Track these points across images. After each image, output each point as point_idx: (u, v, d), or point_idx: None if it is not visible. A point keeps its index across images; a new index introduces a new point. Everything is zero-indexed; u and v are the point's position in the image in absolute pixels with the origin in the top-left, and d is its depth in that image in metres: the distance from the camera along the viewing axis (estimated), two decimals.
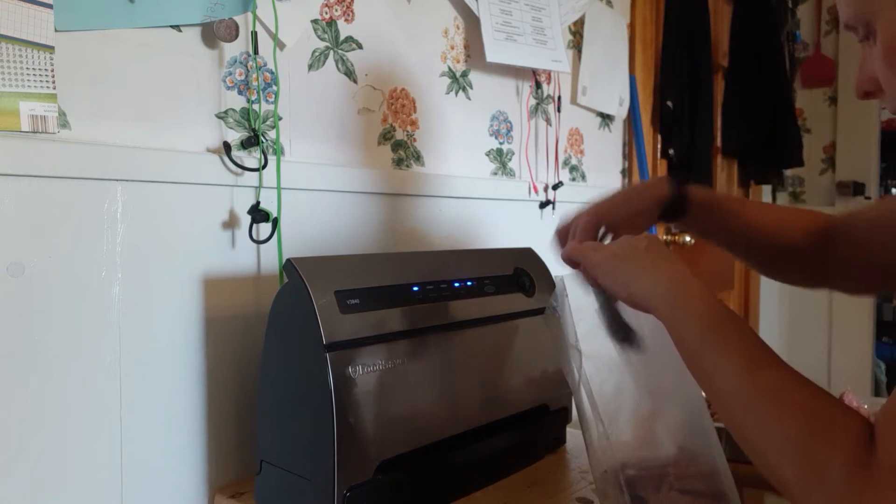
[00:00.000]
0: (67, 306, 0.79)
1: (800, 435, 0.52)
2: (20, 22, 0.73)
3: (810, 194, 3.18)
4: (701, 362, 0.61)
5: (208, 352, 0.92)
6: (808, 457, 0.51)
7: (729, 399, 0.58)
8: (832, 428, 0.51)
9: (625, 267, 0.68)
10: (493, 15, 1.31)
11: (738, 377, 0.57)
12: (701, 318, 0.61)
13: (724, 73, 2.51)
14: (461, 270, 0.94)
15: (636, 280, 0.66)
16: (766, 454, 0.55)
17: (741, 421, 0.57)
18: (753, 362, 0.57)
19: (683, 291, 0.63)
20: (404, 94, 1.21)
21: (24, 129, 0.74)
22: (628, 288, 0.67)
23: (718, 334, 0.60)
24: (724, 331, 0.60)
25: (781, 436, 0.53)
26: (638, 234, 0.73)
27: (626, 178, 1.87)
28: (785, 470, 0.53)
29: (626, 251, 0.69)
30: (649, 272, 0.66)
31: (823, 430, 0.51)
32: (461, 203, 1.30)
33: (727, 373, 0.58)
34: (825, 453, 0.50)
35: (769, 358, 0.58)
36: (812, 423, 0.52)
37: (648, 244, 0.69)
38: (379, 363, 0.78)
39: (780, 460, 0.53)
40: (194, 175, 0.89)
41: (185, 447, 0.90)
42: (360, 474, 0.76)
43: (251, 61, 0.95)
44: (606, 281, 0.70)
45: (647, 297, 0.65)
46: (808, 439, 0.52)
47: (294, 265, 0.77)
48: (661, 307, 0.64)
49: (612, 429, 0.72)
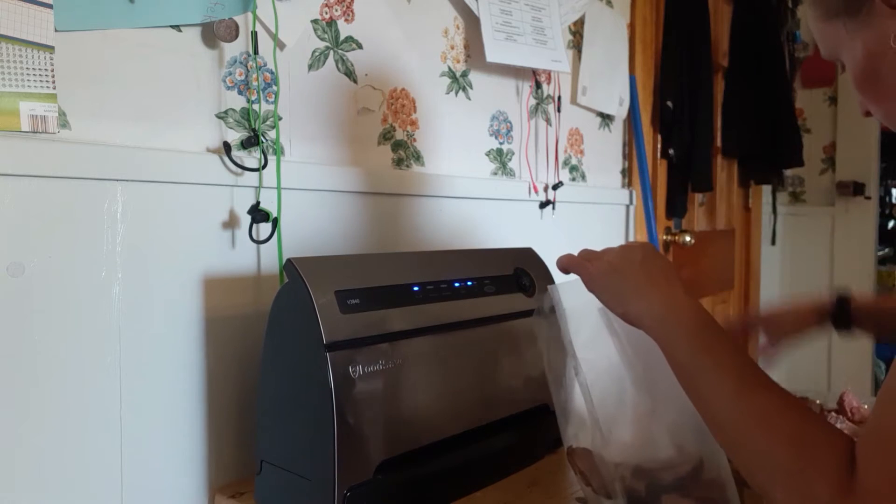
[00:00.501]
0: (67, 306, 0.79)
1: (787, 461, 0.55)
2: (20, 22, 0.73)
3: (810, 194, 3.18)
4: (694, 383, 0.63)
5: (208, 352, 0.92)
6: (796, 482, 0.54)
7: (721, 421, 0.60)
8: (818, 453, 0.54)
9: (621, 284, 0.70)
10: (493, 15, 1.31)
11: (729, 401, 0.60)
12: (693, 339, 0.64)
13: (724, 73, 2.51)
14: (461, 270, 0.94)
15: (631, 300, 0.68)
16: (757, 476, 0.58)
17: (733, 444, 0.60)
18: (744, 385, 0.60)
19: (676, 313, 0.66)
20: (404, 94, 1.21)
21: (24, 129, 0.74)
22: (623, 306, 0.69)
23: (710, 357, 0.62)
24: (716, 353, 0.62)
25: (770, 461, 0.56)
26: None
27: (626, 177, 1.87)
28: (775, 493, 0.56)
29: (622, 263, 0.71)
30: (644, 292, 0.68)
31: (810, 456, 0.54)
32: (461, 203, 1.30)
33: (719, 395, 0.60)
34: (811, 479, 0.53)
35: (759, 380, 0.60)
36: (799, 448, 0.55)
37: (644, 257, 0.71)
38: (379, 363, 0.78)
39: (771, 482, 0.56)
40: (194, 175, 0.89)
41: (185, 447, 0.90)
42: (360, 474, 0.76)
43: (251, 61, 0.95)
44: (602, 295, 0.72)
45: (641, 318, 0.68)
46: (795, 465, 0.54)
47: (294, 265, 0.77)
48: (655, 328, 0.66)
49: (611, 435, 0.72)
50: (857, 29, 0.63)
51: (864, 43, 0.63)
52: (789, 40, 2.94)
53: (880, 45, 0.61)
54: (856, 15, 0.62)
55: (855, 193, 3.03)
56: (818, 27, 0.68)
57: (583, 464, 0.75)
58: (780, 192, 3.12)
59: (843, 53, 0.66)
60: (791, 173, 3.11)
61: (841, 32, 0.64)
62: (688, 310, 0.65)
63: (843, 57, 0.66)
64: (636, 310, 0.68)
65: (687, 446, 0.75)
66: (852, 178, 3.04)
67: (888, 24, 0.60)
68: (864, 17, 0.62)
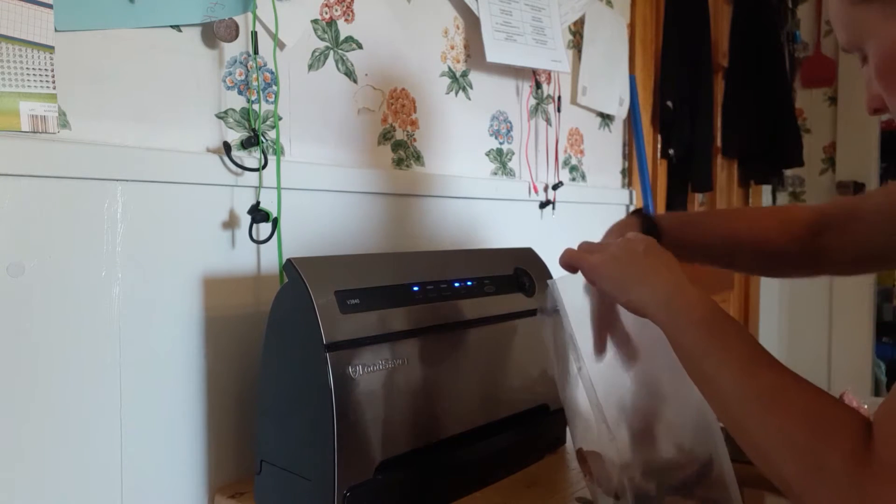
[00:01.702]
0: (67, 306, 0.79)
1: (800, 433, 0.53)
2: (20, 22, 0.73)
3: (810, 194, 3.18)
4: (701, 367, 0.62)
5: (208, 352, 0.92)
6: (809, 454, 0.52)
7: (729, 402, 0.59)
8: (832, 426, 0.52)
9: (623, 272, 0.69)
10: (493, 15, 1.31)
11: (738, 380, 0.58)
12: (699, 323, 0.63)
13: (724, 73, 2.51)
14: (461, 270, 0.94)
15: (635, 287, 0.68)
16: (767, 453, 0.56)
17: (742, 422, 0.58)
18: (753, 364, 0.59)
19: (681, 298, 0.65)
20: (404, 94, 1.21)
21: (24, 129, 0.74)
22: (627, 294, 0.68)
23: (717, 339, 0.61)
24: (723, 335, 0.62)
25: (782, 435, 0.54)
26: None
27: (626, 177, 1.87)
28: (786, 468, 0.54)
29: (624, 254, 0.70)
30: (648, 279, 0.67)
31: (823, 429, 0.53)
32: (461, 203, 1.30)
33: (727, 376, 0.59)
34: (825, 451, 0.51)
35: (768, 360, 0.59)
36: (812, 421, 0.53)
37: (646, 248, 0.70)
38: (379, 363, 0.78)
39: (782, 459, 0.54)
40: (194, 175, 0.89)
41: (185, 447, 0.90)
42: (360, 474, 0.76)
43: (251, 61, 0.95)
44: (605, 286, 0.71)
45: (645, 305, 0.67)
46: (808, 437, 0.53)
47: (294, 265, 0.77)
48: (659, 315, 0.66)
49: (616, 429, 0.72)
50: (889, 16, 0.59)
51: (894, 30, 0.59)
52: (789, 40, 2.94)
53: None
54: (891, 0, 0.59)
55: (855, 193, 3.03)
56: (846, 11, 0.64)
57: (593, 466, 0.75)
58: (780, 192, 3.13)
59: (870, 41, 0.62)
60: (791, 173, 3.10)
61: (874, 16, 0.61)
62: (691, 294, 0.65)
63: (869, 44, 0.63)
64: (639, 296, 0.67)
65: (688, 445, 0.75)
66: (852, 178, 3.04)
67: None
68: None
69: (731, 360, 0.59)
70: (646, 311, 0.67)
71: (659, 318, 0.66)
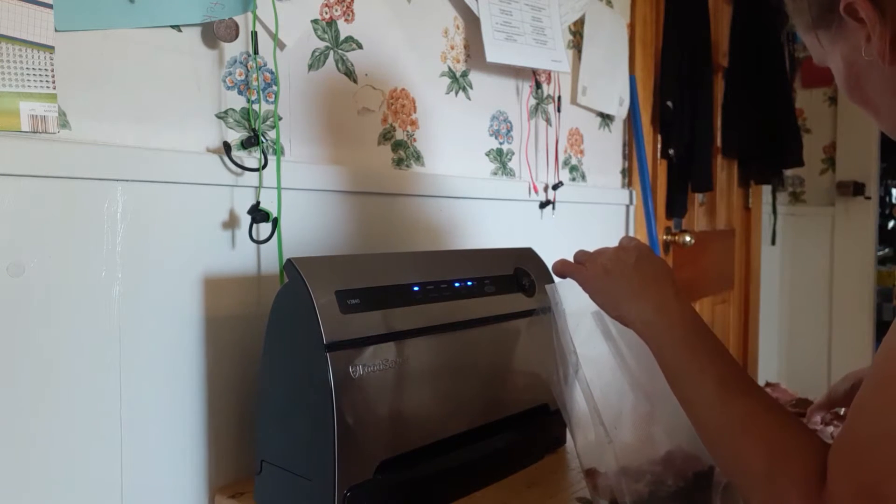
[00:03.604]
0: (67, 306, 0.79)
1: (762, 467, 0.56)
2: (20, 22, 0.73)
3: (810, 194, 3.18)
4: (680, 386, 0.65)
5: (208, 352, 0.92)
6: (769, 489, 0.56)
7: (704, 425, 0.63)
8: (790, 461, 0.55)
9: (614, 287, 0.72)
10: (493, 15, 1.31)
11: (711, 405, 0.62)
12: (679, 343, 0.66)
13: (724, 73, 2.51)
14: (461, 270, 0.94)
15: (623, 303, 0.71)
16: (735, 480, 0.60)
17: (715, 447, 0.62)
18: (725, 390, 0.62)
19: (664, 317, 0.68)
20: (404, 94, 1.21)
21: (24, 129, 0.74)
22: (617, 310, 0.72)
23: (695, 362, 0.64)
24: (701, 357, 0.64)
25: (747, 466, 0.58)
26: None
27: (626, 177, 1.87)
28: (752, 496, 0.58)
29: (615, 266, 0.73)
30: (637, 295, 0.70)
31: (782, 464, 0.56)
32: (461, 203, 1.30)
33: (701, 400, 0.63)
34: (783, 487, 0.55)
35: (740, 385, 0.62)
36: (772, 455, 0.56)
37: (637, 258, 0.72)
38: (379, 363, 0.78)
39: (748, 487, 0.58)
40: (194, 175, 0.89)
41: (185, 447, 0.90)
42: (360, 474, 0.76)
43: (251, 61, 0.95)
44: (596, 298, 0.74)
45: (633, 321, 0.70)
46: (768, 472, 0.56)
47: (294, 265, 0.77)
48: (645, 331, 0.69)
49: (613, 432, 0.73)
50: (833, 41, 0.64)
51: (841, 54, 0.64)
52: (789, 40, 2.94)
53: (854, 55, 0.62)
54: (828, 28, 0.64)
55: (855, 193, 3.03)
56: (803, 36, 0.70)
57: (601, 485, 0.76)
58: (780, 192, 3.13)
59: (828, 62, 0.68)
60: (791, 173, 3.11)
61: (824, 41, 0.66)
62: (677, 314, 0.67)
63: (829, 65, 0.68)
64: (628, 312, 0.70)
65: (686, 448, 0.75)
66: (852, 178, 3.04)
67: (858, 36, 0.60)
68: (837, 29, 0.63)
69: (706, 384, 0.62)
70: (633, 326, 0.70)
71: (644, 334, 0.69)
